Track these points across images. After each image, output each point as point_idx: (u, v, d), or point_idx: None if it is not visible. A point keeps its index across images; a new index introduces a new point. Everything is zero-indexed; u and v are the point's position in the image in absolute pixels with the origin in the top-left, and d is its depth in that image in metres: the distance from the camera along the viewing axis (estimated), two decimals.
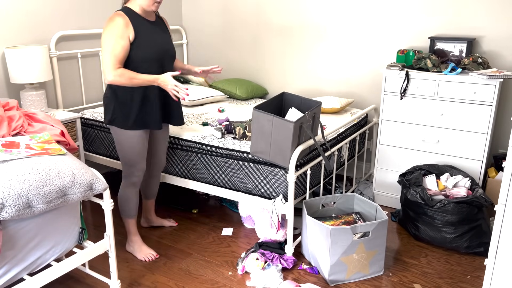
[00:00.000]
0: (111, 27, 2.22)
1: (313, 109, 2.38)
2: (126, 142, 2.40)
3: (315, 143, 2.37)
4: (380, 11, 3.36)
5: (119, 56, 2.21)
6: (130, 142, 2.40)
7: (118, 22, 2.22)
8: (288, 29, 3.78)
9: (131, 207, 2.56)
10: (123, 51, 2.23)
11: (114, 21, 2.22)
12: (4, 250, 1.77)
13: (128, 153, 2.43)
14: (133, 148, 2.42)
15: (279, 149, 2.34)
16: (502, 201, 1.75)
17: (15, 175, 1.73)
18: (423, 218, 2.67)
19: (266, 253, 2.49)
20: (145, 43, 2.29)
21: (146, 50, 2.29)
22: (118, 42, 2.20)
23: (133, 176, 2.50)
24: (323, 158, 2.33)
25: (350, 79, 3.62)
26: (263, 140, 2.38)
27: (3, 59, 2.96)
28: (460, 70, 2.82)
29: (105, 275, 2.26)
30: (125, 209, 2.57)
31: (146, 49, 2.29)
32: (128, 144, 2.41)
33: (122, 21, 2.22)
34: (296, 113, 2.43)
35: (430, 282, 2.39)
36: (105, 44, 2.21)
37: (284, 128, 2.28)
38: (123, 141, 2.41)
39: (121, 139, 2.40)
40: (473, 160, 2.85)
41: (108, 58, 2.20)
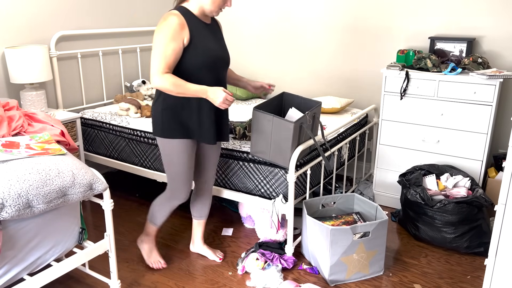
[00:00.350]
0: (164, 27, 2.00)
1: (313, 109, 2.38)
2: (176, 155, 2.21)
3: (315, 143, 2.37)
4: (380, 11, 3.36)
5: (169, 60, 2.00)
6: (182, 155, 2.21)
7: (173, 22, 2.00)
8: (288, 28, 3.78)
9: (160, 217, 2.44)
10: (174, 54, 2.01)
11: (168, 21, 2.00)
12: (4, 250, 1.77)
13: (178, 166, 2.23)
14: (183, 162, 2.23)
15: (279, 149, 2.34)
16: (502, 201, 1.75)
17: (15, 175, 1.73)
18: (423, 218, 2.67)
19: (266, 253, 2.49)
20: (200, 48, 2.07)
21: (200, 56, 2.07)
22: (169, 44, 1.99)
23: (181, 192, 2.33)
24: (323, 158, 2.32)
25: (350, 79, 3.62)
26: (263, 140, 2.38)
27: (3, 59, 2.96)
28: (460, 70, 2.82)
29: (105, 275, 2.26)
30: (156, 215, 2.44)
31: (200, 55, 2.07)
32: (178, 156, 2.21)
33: (177, 22, 2.01)
34: (296, 113, 2.43)
35: (430, 282, 2.38)
36: (156, 45, 2.01)
37: (284, 128, 2.28)
38: (173, 153, 2.21)
39: (170, 151, 2.21)
40: (473, 160, 2.85)
41: (157, 60, 2.00)
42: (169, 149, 2.21)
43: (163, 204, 2.41)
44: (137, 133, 2.97)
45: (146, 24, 3.94)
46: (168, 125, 2.15)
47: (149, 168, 3.00)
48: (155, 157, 2.94)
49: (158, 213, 2.43)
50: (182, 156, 2.22)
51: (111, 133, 3.11)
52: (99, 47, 3.57)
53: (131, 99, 3.23)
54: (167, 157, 2.24)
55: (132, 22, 3.81)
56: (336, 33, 3.58)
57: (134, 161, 3.06)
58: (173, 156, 2.22)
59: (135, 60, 3.90)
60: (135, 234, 2.87)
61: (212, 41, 2.14)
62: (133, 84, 3.74)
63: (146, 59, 4.00)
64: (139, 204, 3.29)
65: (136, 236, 2.84)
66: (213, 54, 2.12)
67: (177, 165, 2.24)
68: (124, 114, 3.19)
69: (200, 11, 2.11)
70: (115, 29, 3.60)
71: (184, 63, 2.06)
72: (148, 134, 2.92)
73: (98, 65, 3.59)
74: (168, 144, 2.20)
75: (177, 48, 2.01)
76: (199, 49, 2.07)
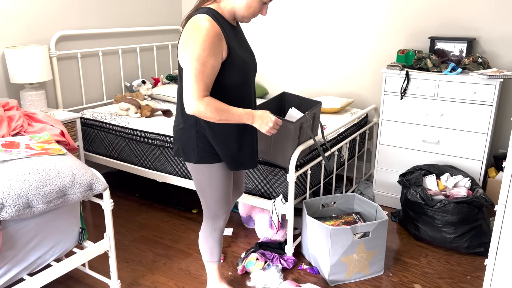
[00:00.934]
0: (200, 37, 1.59)
1: (313, 109, 2.38)
2: (215, 179, 1.90)
3: (315, 143, 2.37)
4: (380, 11, 3.36)
5: (207, 80, 1.63)
6: (222, 179, 1.91)
7: (209, 32, 1.60)
8: (288, 29, 3.78)
9: (216, 251, 2.10)
10: (214, 72, 1.65)
11: (203, 29, 1.60)
12: (4, 250, 1.76)
13: (216, 191, 1.93)
14: (224, 185, 1.93)
15: (279, 149, 2.34)
16: (502, 201, 1.75)
17: (15, 175, 1.73)
18: (423, 218, 2.67)
19: (266, 253, 2.49)
20: (238, 61, 1.73)
21: (240, 71, 1.74)
22: (208, 61, 1.61)
23: (221, 218, 2.01)
24: (323, 159, 2.31)
25: (350, 79, 3.62)
26: (264, 140, 2.38)
27: (3, 59, 2.95)
28: (460, 70, 2.82)
29: (105, 275, 2.26)
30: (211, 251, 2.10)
31: (240, 69, 1.74)
32: (220, 181, 1.91)
33: (215, 31, 1.62)
34: (296, 112, 2.42)
35: (430, 282, 2.38)
36: (191, 61, 1.60)
37: (284, 128, 2.28)
38: (211, 178, 1.90)
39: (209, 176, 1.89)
40: (473, 160, 2.85)
41: (194, 82, 1.61)
42: (208, 175, 1.89)
43: (212, 237, 2.06)
44: (137, 133, 2.97)
45: (146, 24, 3.94)
46: (203, 150, 1.83)
47: (149, 168, 3.00)
48: (155, 157, 2.93)
49: (213, 249, 2.09)
50: (221, 180, 1.91)
51: (111, 133, 3.11)
52: (99, 47, 3.57)
53: (131, 99, 3.23)
54: (203, 184, 1.91)
55: (132, 22, 3.81)
56: (336, 33, 3.58)
57: (134, 161, 3.06)
58: (211, 181, 1.90)
59: (135, 60, 3.90)
60: (135, 234, 2.87)
61: (244, 50, 1.81)
62: (133, 84, 3.74)
63: (146, 59, 4.00)
64: (139, 204, 3.29)
65: (136, 236, 2.84)
66: (249, 65, 1.80)
67: (220, 190, 1.93)
68: (124, 114, 3.19)
69: (231, 15, 1.75)
70: (115, 29, 3.60)
71: (222, 80, 1.71)
72: (148, 134, 2.92)
73: (98, 65, 3.59)
74: (206, 170, 1.87)
75: (216, 65, 1.65)
76: (238, 62, 1.73)
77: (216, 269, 2.15)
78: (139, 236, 2.84)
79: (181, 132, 1.84)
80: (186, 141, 1.84)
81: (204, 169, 1.87)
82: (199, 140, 1.81)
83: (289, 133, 2.27)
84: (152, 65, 4.07)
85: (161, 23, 4.11)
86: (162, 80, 3.95)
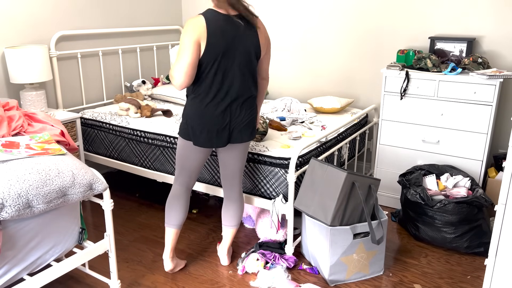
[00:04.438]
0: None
1: (371, 178, 2.33)
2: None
3: (364, 210, 2.26)
4: (380, 11, 3.36)
5: None
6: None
7: None
8: (288, 28, 3.78)
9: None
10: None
11: None
12: (4, 250, 1.77)
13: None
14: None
15: (323, 202, 2.25)
16: (502, 201, 1.75)
17: (15, 175, 1.73)
18: (423, 218, 2.67)
19: (266, 253, 2.49)
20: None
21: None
22: None
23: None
24: (370, 230, 2.24)
25: (350, 79, 3.62)
26: (311, 191, 2.31)
27: (3, 59, 2.96)
28: (460, 70, 2.82)
29: (105, 275, 2.26)
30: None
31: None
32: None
33: None
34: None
35: (430, 282, 2.38)
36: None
37: (334, 178, 2.22)
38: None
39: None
40: (473, 160, 2.85)
41: None
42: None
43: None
44: (137, 133, 2.97)
45: (146, 24, 3.94)
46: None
47: (149, 168, 3.00)
48: (155, 157, 2.93)
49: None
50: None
51: (111, 133, 3.11)
52: (99, 47, 3.57)
53: (131, 99, 3.23)
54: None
55: (132, 22, 3.81)
56: (336, 33, 3.58)
57: (134, 161, 3.06)
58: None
59: (135, 60, 3.90)
60: (135, 234, 2.87)
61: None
62: (133, 84, 3.74)
63: (146, 59, 4.00)
64: (139, 204, 3.29)
65: (136, 236, 2.84)
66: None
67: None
68: (124, 114, 3.19)
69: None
70: (115, 29, 3.60)
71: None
72: (148, 134, 2.92)
73: (98, 65, 3.59)
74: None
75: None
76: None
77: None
78: (139, 236, 2.84)
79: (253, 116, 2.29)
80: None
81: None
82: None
83: (339, 184, 2.19)
84: (152, 65, 4.08)
85: (161, 23, 4.11)
86: (162, 80, 3.95)
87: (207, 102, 2.13)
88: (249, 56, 2.16)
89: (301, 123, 3.09)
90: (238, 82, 2.15)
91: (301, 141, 2.71)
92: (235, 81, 2.14)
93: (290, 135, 2.79)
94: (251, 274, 2.43)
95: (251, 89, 2.21)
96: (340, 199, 2.21)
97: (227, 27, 2.08)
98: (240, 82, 2.16)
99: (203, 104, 2.14)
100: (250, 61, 2.17)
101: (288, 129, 2.96)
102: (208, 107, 2.14)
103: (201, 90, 2.13)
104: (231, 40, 2.09)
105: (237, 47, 2.11)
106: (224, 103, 2.14)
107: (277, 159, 2.47)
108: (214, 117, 2.15)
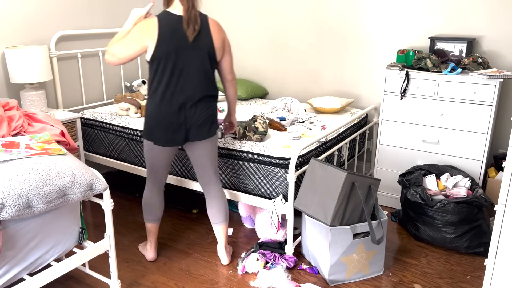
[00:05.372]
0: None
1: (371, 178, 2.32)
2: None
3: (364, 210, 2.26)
4: (380, 11, 3.36)
5: None
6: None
7: None
8: (288, 28, 3.78)
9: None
10: None
11: None
12: (4, 250, 1.77)
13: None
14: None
15: (323, 202, 2.25)
16: (502, 201, 1.75)
17: (15, 175, 1.73)
18: (423, 218, 2.67)
19: (266, 253, 2.49)
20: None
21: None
22: None
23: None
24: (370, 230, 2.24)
25: (350, 79, 3.62)
26: (311, 191, 2.31)
27: (3, 59, 2.96)
28: (460, 70, 2.82)
29: (105, 275, 2.26)
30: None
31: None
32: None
33: None
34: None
35: (430, 282, 2.38)
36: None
37: (334, 178, 2.22)
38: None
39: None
40: (473, 160, 2.85)
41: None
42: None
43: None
44: (137, 133, 2.97)
45: None
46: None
47: None
48: None
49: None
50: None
51: (111, 133, 3.11)
52: (99, 47, 3.57)
53: (131, 99, 3.23)
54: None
55: None
56: (336, 33, 3.58)
57: (134, 161, 3.06)
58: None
59: (135, 60, 3.90)
60: (135, 234, 2.87)
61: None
62: (133, 84, 3.74)
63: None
64: (139, 204, 3.29)
65: (136, 236, 2.84)
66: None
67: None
68: (124, 114, 3.19)
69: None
70: (115, 29, 3.60)
71: None
72: None
73: (98, 65, 3.59)
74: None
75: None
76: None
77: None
78: (139, 236, 2.84)
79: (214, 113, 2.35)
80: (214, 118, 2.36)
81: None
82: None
83: (339, 184, 2.19)
84: None
85: None
86: None
87: (162, 102, 2.19)
88: (202, 57, 2.22)
89: (301, 123, 3.09)
90: (192, 82, 2.21)
91: (301, 141, 2.71)
92: (189, 81, 2.20)
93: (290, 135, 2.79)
94: (251, 274, 2.43)
95: (208, 89, 2.27)
96: (340, 199, 2.21)
97: (178, 28, 2.15)
98: (195, 82, 2.22)
99: (158, 103, 2.20)
100: (204, 61, 2.23)
101: (288, 129, 2.96)
102: (162, 106, 2.20)
103: (156, 90, 2.20)
104: (183, 40, 2.16)
105: (189, 48, 2.18)
106: (177, 102, 2.20)
107: (277, 159, 2.47)
108: (169, 116, 2.20)
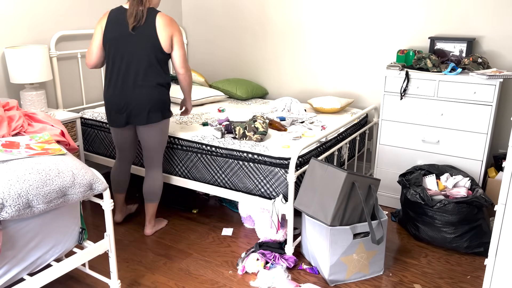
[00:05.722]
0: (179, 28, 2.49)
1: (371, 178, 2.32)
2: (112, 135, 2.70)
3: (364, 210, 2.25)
4: (380, 11, 3.36)
5: None
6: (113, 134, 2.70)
7: None
8: (288, 29, 3.78)
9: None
10: None
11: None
12: (4, 250, 1.77)
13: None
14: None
15: (322, 202, 2.25)
16: (502, 201, 1.75)
17: (15, 175, 1.73)
18: (423, 218, 2.67)
19: (266, 253, 2.49)
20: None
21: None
22: None
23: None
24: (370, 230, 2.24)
25: (350, 79, 3.62)
26: (311, 191, 2.31)
27: (3, 59, 2.96)
28: (460, 70, 2.82)
29: (105, 275, 2.26)
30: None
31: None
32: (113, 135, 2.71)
33: None
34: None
35: (430, 282, 2.39)
36: (182, 42, 2.49)
37: (335, 178, 2.21)
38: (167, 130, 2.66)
39: (167, 129, 2.65)
40: (473, 160, 2.85)
41: (185, 54, 2.50)
42: (167, 128, 2.65)
43: None
44: None
45: None
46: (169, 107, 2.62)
47: None
48: None
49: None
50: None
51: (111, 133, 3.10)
52: None
53: None
54: (166, 135, 2.65)
55: None
56: (336, 33, 3.58)
57: (134, 161, 3.06)
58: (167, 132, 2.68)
59: None
60: (135, 234, 2.87)
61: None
62: None
63: None
64: (139, 204, 3.29)
65: (136, 236, 2.84)
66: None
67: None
68: None
69: None
70: None
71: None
72: None
73: None
74: (168, 124, 2.65)
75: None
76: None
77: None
78: (139, 236, 2.84)
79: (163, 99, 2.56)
80: (164, 104, 2.57)
81: (168, 122, 2.63)
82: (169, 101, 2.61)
83: (339, 184, 2.18)
84: None
85: None
86: None
87: (108, 86, 2.49)
88: (144, 45, 2.41)
89: (301, 123, 3.09)
90: (134, 69, 2.43)
91: (301, 141, 2.72)
92: (132, 68, 2.43)
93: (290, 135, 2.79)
94: (251, 274, 2.43)
95: (151, 77, 2.45)
96: (340, 199, 2.21)
97: (122, 18, 2.41)
98: (136, 69, 2.43)
99: (106, 88, 2.51)
100: (147, 51, 2.42)
101: (288, 129, 2.97)
102: (108, 90, 2.49)
103: (106, 75, 2.50)
104: (125, 29, 2.40)
105: (129, 36, 2.41)
106: (118, 87, 2.46)
107: (277, 159, 2.47)
108: (112, 98, 2.48)
